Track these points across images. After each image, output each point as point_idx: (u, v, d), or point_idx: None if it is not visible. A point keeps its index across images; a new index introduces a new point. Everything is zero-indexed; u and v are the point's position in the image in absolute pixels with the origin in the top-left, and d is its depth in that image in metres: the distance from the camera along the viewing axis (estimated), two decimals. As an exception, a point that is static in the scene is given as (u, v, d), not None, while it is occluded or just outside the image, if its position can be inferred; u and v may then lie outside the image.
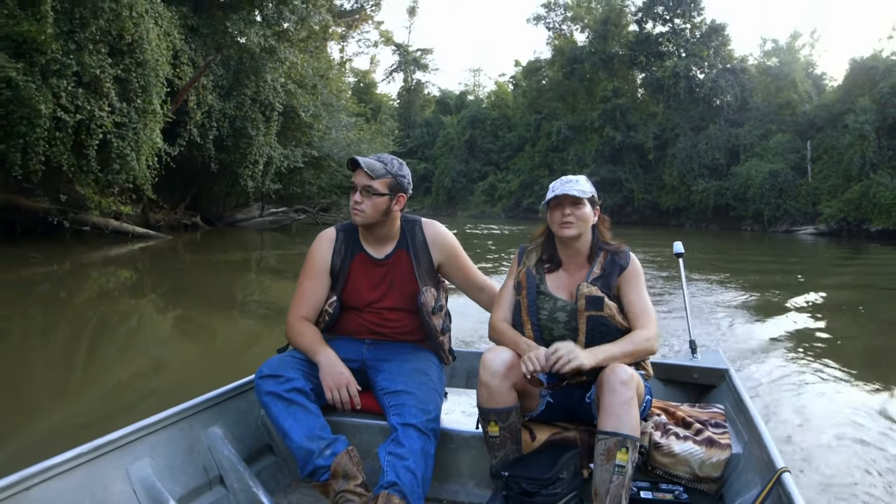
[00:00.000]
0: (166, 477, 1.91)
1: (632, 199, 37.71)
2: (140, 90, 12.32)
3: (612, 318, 2.06)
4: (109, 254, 12.72)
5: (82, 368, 4.97)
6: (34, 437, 3.36)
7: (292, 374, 2.09)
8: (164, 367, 5.09)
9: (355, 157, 2.23)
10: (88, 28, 11.42)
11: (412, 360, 2.27)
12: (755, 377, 4.70)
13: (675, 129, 36.36)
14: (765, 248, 22.00)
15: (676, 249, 3.35)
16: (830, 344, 6.22)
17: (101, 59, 11.62)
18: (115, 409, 3.87)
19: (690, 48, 37.66)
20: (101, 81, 11.57)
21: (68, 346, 5.70)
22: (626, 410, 1.82)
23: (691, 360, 2.87)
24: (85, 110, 11.31)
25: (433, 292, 2.33)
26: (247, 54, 16.06)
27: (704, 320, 6.86)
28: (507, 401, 2.00)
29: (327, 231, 2.42)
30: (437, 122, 54.52)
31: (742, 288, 9.80)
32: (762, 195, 30.74)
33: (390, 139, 25.80)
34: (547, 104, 44.22)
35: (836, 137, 29.61)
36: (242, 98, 16.17)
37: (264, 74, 16.39)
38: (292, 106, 17.80)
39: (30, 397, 4.13)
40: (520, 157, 46.02)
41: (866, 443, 3.44)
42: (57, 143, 11.19)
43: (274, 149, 17.40)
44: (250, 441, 2.30)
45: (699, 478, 2.05)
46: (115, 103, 11.87)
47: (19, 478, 1.53)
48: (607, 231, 2.23)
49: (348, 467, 1.96)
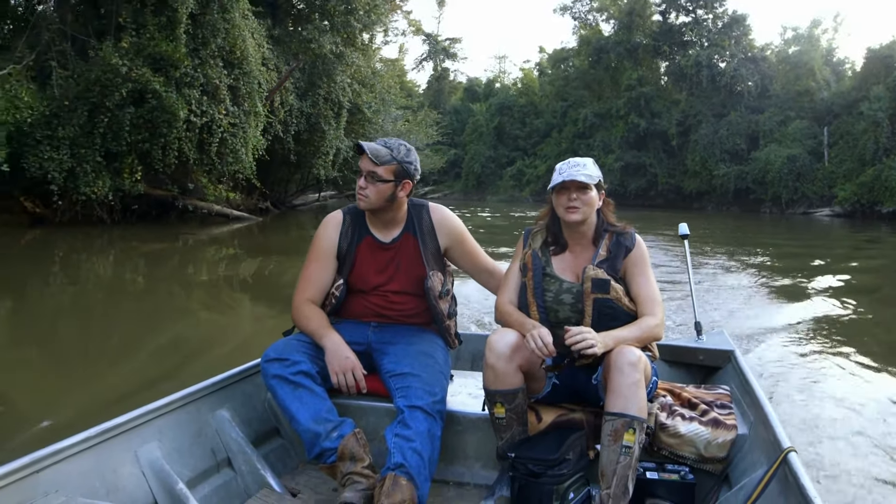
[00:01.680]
0: (175, 459, 1.93)
1: (656, 184, 39.52)
2: (247, 95, 14.76)
3: (618, 301, 2.07)
4: (222, 230, 15.45)
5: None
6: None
7: (298, 358, 2.11)
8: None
9: (360, 143, 2.25)
10: (209, 46, 13.84)
11: (418, 343, 2.28)
12: (764, 358, 4.73)
13: (697, 116, 37.99)
14: (782, 230, 23.48)
15: (682, 231, 3.33)
16: (843, 327, 6.20)
17: (219, 71, 14.05)
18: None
19: (712, 38, 39.18)
20: (219, 89, 14.01)
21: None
22: (634, 391, 1.83)
23: (697, 342, 2.88)
24: (208, 114, 13.78)
25: (440, 276, 2.34)
26: (320, 59, 18.36)
27: (717, 301, 6.97)
28: (513, 382, 2.01)
29: (334, 214, 2.43)
30: (465, 109, 56.36)
31: (757, 268, 10.16)
32: (780, 179, 32.48)
33: (434, 129, 28.00)
34: (573, 92, 46.03)
35: (851, 123, 31.23)
36: (316, 97, 18.54)
37: (335, 76, 18.76)
38: (356, 103, 20.14)
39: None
40: (547, 143, 47.83)
41: (875, 426, 3.45)
42: (186, 142, 13.66)
43: (342, 141, 19.77)
44: (257, 424, 2.32)
45: (705, 458, 2.05)
46: (229, 107, 14.32)
47: (30, 460, 1.55)
48: (612, 214, 2.25)
49: (355, 449, 1.97)
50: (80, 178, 12.51)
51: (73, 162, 12.39)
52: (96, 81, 12.41)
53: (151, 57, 12.97)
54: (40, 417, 3.50)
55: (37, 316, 6.53)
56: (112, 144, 12.76)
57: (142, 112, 12.80)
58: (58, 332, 5.96)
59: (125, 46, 12.73)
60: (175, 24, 13.02)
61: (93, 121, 12.52)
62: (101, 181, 12.77)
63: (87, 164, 12.53)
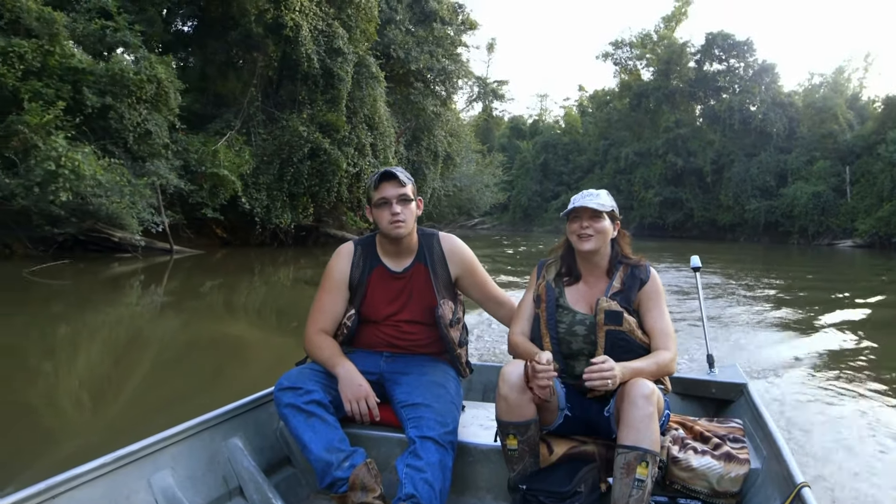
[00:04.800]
0: (187, 487, 1.95)
1: (692, 217, 43.28)
2: (382, 150, 19.47)
3: (631, 334, 2.08)
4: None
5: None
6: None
7: (311, 387, 2.11)
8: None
9: (390, 169, 2.30)
10: (358, 114, 18.61)
11: (430, 373, 2.28)
12: (777, 391, 4.71)
13: (730, 156, 41.75)
14: (807, 259, 25.24)
15: (693, 263, 3.33)
16: (858, 359, 6.11)
17: (365, 132, 18.79)
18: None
19: (744, 84, 43.12)
20: (365, 146, 18.72)
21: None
22: (647, 424, 1.82)
23: (709, 375, 2.87)
24: (359, 165, 18.47)
25: (450, 305, 2.36)
26: (423, 118, 23.12)
27: (732, 333, 7.01)
28: (525, 414, 1.98)
29: (346, 245, 2.44)
30: (511, 146, 60.98)
31: (775, 296, 10.52)
32: (807, 213, 36.06)
33: (500, 170, 32.63)
34: (615, 133, 50.31)
35: (871, 163, 34.77)
36: (419, 148, 23.27)
37: (434, 131, 23.46)
38: (448, 152, 24.86)
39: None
40: (589, 179, 51.68)
41: (890, 462, 3.43)
42: (341, 187, 18.32)
43: (437, 182, 24.44)
44: (269, 452, 2.32)
45: (717, 492, 2.03)
46: (371, 159, 18.98)
47: (45, 486, 1.58)
48: (627, 246, 2.25)
49: (366, 479, 1.97)
50: (273, 213, 17.24)
51: (268, 201, 17.13)
52: (287, 143, 17.20)
53: (321, 124, 17.74)
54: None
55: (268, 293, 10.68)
56: (294, 188, 17.51)
57: (315, 164, 17.55)
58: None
59: (304, 117, 17.52)
60: (338, 100, 17.83)
61: (282, 171, 17.29)
62: (286, 215, 17.48)
63: (277, 203, 17.27)
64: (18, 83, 11.61)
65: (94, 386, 5.06)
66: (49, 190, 10.89)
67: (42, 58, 12.08)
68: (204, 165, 15.19)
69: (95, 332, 7.03)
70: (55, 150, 10.95)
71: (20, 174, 11.11)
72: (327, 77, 17.75)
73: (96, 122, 12.96)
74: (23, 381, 5.00)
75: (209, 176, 15.21)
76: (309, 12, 17.02)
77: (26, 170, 11.10)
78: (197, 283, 11.82)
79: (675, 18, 48.51)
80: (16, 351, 5.98)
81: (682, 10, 48.31)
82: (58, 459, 3.24)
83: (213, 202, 15.72)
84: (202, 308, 9.16)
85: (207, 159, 15.28)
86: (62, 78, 12.35)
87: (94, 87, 12.72)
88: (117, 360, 5.93)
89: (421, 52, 22.02)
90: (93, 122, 12.89)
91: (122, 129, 13.26)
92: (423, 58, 21.98)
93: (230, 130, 17.03)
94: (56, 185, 10.88)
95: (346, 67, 17.80)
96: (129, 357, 6.09)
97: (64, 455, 3.41)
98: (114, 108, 13.02)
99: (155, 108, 13.92)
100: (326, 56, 17.61)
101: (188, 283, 11.83)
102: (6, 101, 11.57)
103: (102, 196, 11.88)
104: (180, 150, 15.09)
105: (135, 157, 13.72)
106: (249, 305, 9.71)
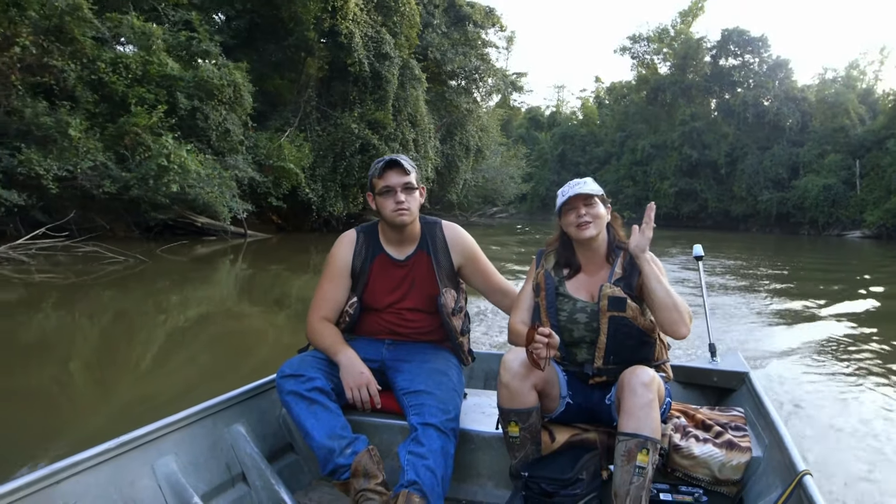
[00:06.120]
0: (190, 473, 1.96)
1: (706, 207, 44.69)
2: (422, 144, 21.28)
3: (634, 320, 2.07)
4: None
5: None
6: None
7: (313, 374, 2.12)
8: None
9: (395, 157, 2.29)
10: (403, 112, 20.42)
11: (432, 361, 2.28)
12: (779, 379, 4.72)
13: (744, 148, 43.04)
14: (818, 249, 25.74)
15: (696, 252, 3.34)
16: (860, 348, 6.11)
17: (409, 129, 20.61)
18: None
19: (758, 79, 44.34)
20: (409, 142, 20.56)
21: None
22: (647, 412, 1.83)
23: (711, 363, 2.87)
24: (403, 159, 20.28)
25: (453, 294, 2.37)
26: (456, 114, 24.90)
27: (736, 322, 6.99)
28: (527, 401, 2.00)
29: (348, 233, 2.45)
30: (529, 136, 62.43)
31: (781, 286, 10.63)
32: (817, 205, 37.42)
33: (524, 162, 34.36)
34: (632, 125, 51.71)
35: (880, 157, 36.04)
36: (453, 142, 25.06)
37: (467, 126, 25.24)
38: (478, 146, 26.64)
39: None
40: (606, 170, 53.16)
41: (892, 450, 3.43)
42: (387, 178, 20.12)
43: (468, 173, 26.26)
44: (272, 439, 2.34)
45: (719, 480, 2.04)
46: (413, 154, 20.78)
47: (49, 472, 1.59)
48: (620, 229, 2.25)
49: (369, 466, 1.97)
50: (327, 202, 19.16)
51: (324, 191, 19.02)
52: (340, 139, 19.07)
53: (370, 122, 19.57)
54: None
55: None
56: (346, 179, 19.39)
57: (365, 158, 19.40)
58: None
59: (355, 115, 19.36)
60: (385, 100, 19.65)
61: (335, 164, 19.16)
62: (339, 203, 19.38)
63: (331, 192, 19.17)
64: (126, 89, 13.52)
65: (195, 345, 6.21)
66: (161, 182, 12.82)
67: (143, 67, 13.97)
68: (271, 159, 17.07)
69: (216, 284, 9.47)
70: (166, 147, 12.86)
71: (132, 169, 13.05)
72: (376, 79, 19.55)
73: (185, 122, 14.85)
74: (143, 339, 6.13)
75: (276, 169, 17.10)
76: (360, 20, 18.80)
77: (137, 165, 13.04)
78: (280, 256, 14.16)
79: (691, 13, 49.67)
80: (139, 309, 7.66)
81: (699, 4, 49.48)
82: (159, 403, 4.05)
83: (276, 192, 17.61)
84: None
85: (274, 154, 17.15)
86: (159, 84, 14.25)
87: (185, 92, 14.61)
88: (226, 312, 7.97)
89: (455, 54, 23.78)
90: (183, 123, 14.79)
91: (207, 128, 15.16)
92: (457, 59, 23.73)
93: (289, 127, 18.88)
94: (168, 178, 12.81)
95: (392, 70, 19.59)
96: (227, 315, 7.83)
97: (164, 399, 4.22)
98: (200, 110, 14.91)
99: (232, 108, 15.79)
100: (375, 60, 19.39)
101: (276, 256, 14.25)
102: (116, 105, 13.51)
103: (199, 187, 13.81)
104: (251, 146, 16.96)
105: (216, 152, 15.61)
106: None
